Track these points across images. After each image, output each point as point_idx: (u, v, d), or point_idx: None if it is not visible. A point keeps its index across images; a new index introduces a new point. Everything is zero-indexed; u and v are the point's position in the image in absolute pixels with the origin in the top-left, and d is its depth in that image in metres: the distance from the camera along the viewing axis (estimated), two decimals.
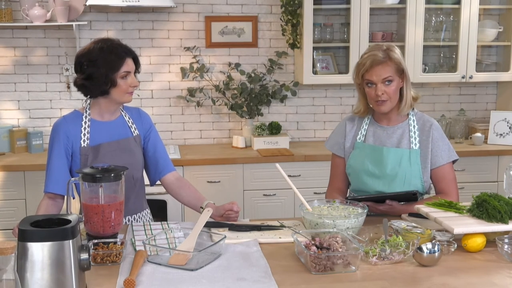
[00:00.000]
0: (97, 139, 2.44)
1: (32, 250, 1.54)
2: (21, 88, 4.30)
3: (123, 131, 2.51)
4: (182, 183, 2.60)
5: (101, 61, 2.35)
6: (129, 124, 2.53)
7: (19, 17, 4.15)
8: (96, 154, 2.41)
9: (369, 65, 2.44)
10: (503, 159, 4.24)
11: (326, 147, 2.73)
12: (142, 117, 2.60)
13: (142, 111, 2.65)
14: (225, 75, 4.44)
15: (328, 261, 1.85)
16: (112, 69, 2.36)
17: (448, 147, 2.54)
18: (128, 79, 2.41)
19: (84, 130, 2.43)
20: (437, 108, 4.74)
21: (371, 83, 2.46)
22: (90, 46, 2.41)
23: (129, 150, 2.48)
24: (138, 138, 2.54)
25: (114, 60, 2.36)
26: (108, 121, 2.48)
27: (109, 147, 2.43)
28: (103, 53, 2.37)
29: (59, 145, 2.40)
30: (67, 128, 2.42)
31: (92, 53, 2.38)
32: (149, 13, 4.34)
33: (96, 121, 2.46)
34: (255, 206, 4.05)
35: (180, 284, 1.77)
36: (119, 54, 2.39)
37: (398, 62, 2.45)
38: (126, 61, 2.40)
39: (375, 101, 2.48)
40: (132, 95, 2.45)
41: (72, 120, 2.45)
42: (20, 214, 3.80)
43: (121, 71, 2.38)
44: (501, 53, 4.66)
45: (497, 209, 2.05)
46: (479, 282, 1.79)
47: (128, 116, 2.55)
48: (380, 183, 2.52)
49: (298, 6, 4.18)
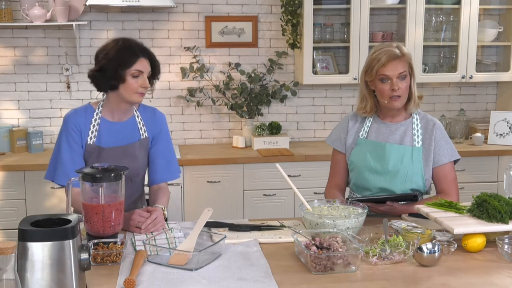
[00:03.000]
0: (103, 140, 2.43)
1: (32, 250, 1.54)
2: (21, 88, 4.30)
3: (131, 133, 2.49)
4: (156, 192, 2.56)
5: (114, 55, 2.36)
6: (139, 126, 2.51)
7: (19, 17, 4.15)
8: (99, 154, 2.42)
9: (386, 60, 2.43)
10: (503, 159, 4.24)
11: (327, 142, 2.73)
12: (156, 118, 2.58)
13: (158, 112, 2.61)
14: (225, 75, 4.44)
15: (328, 261, 1.85)
16: (123, 64, 2.35)
17: (450, 147, 2.54)
18: (139, 79, 2.39)
19: (93, 127, 2.43)
20: (437, 108, 4.74)
21: (386, 78, 2.45)
22: (109, 41, 2.43)
23: (132, 155, 2.47)
24: (146, 140, 2.52)
25: (127, 56, 2.36)
26: (118, 121, 2.48)
27: (112, 152, 2.43)
28: (118, 48, 2.37)
29: (69, 136, 2.41)
30: (77, 121, 2.42)
31: (108, 47, 2.39)
32: (149, 13, 4.34)
33: (106, 121, 2.45)
34: (255, 206, 4.05)
35: (180, 284, 1.77)
36: (133, 51, 2.38)
37: (409, 58, 2.48)
38: (140, 60, 2.38)
39: (389, 97, 2.46)
40: (142, 96, 2.43)
41: (83, 113, 2.45)
42: (20, 214, 3.79)
43: (133, 69, 2.36)
44: (501, 53, 4.66)
45: (497, 209, 2.05)
46: (479, 282, 1.79)
47: (141, 117, 2.53)
48: (382, 179, 2.52)
49: (298, 6, 4.18)
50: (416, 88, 2.53)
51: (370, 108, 2.57)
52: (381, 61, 2.44)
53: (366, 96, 2.57)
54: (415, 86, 2.52)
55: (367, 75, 2.51)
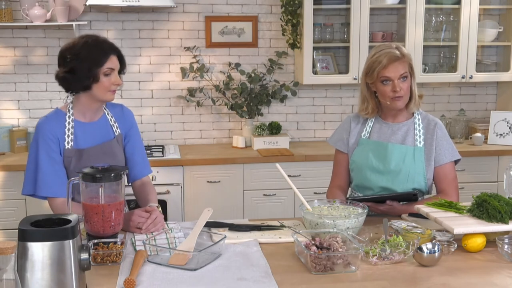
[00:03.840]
0: (80, 142, 2.39)
1: (32, 250, 1.54)
2: (21, 88, 4.30)
3: (106, 132, 2.46)
4: (142, 188, 2.54)
5: (84, 55, 2.29)
6: (111, 123, 2.48)
7: (19, 17, 4.15)
8: (79, 157, 2.36)
9: (387, 61, 2.44)
10: (503, 159, 4.24)
11: (329, 143, 2.73)
12: (125, 114, 2.55)
13: (125, 108, 2.58)
14: (225, 75, 4.44)
15: (328, 261, 1.85)
16: (96, 64, 2.29)
17: (451, 147, 2.55)
18: (111, 77, 2.34)
19: (68, 131, 2.37)
20: (437, 108, 4.74)
21: (388, 80, 2.46)
22: (75, 40, 2.35)
23: (111, 153, 2.44)
24: (120, 137, 2.50)
25: (98, 55, 2.30)
26: (91, 121, 2.43)
27: (92, 151, 2.39)
28: (88, 47, 2.30)
29: (47, 145, 2.33)
30: (51, 128, 2.36)
31: (76, 46, 2.32)
32: (149, 13, 4.33)
33: (79, 122, 2.40)
34: (255, 206, 4.05)
35: (180, 284, 1.77)
36: (103, 49, 2.33)
37: (410, 58, 2.50)
38: (111, 57, 2.33)
39: (391, 98, 2.47)
40: (114, 93, 2.38)
41: (56, 119, 2.39)
42: (20, 214, 3.79)
43: (105, 67, 2.31)
44: (501, 53, 4.66)
45: (497, 209, 2.05)
46: (479, 282, 1.79)
47: (111, 115, 2.50)
48: (384, 179, 2.52)
49: (298, 6, 4.18)
50: (416, 88, 2.54)
51: (371, 110, 2.58)
52: (382, 63, 2.44)
53: (368, 98, 2.57)
54: (416, 86, 2.53)
55: (368, 77, 2.52)
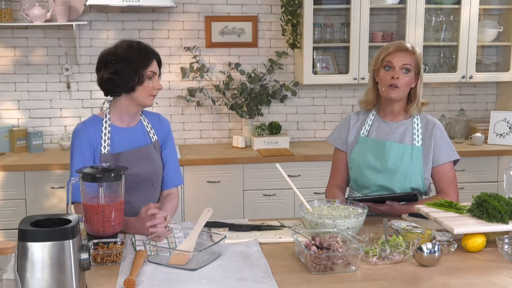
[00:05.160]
0: (117, 147, 2.39)
1: (32, 250, 1.54)
2: (21, 88, 4.30)
3: (143, 137, 2.46)
4: (167, 198, 2.51)
5: (131, 57, 2.33)
6: (147, 130, 2.49)
7: (19, 17, 4.15)
8: (116, 161, 2.35)
9: (393, 49, 2.50)
10: (503, 159, 4.24)
11: (328, 141, 2.74)
12: (162, 122, 2.56)
13: (162, 116, 2.60)
14: (225, 75, 4.44)
15: (328, 261, 1.85)
16: (142, 64, 2.33)
17: (450, 147, 2.56)
18: (153, 81, 2.37)
19: (105, 136, 2.38)
20: (437, 108, 4.74)
21: (390, 66, 2.48)
22: (117, 44, 2.39)
23: (148, 157, 2.44)
24: (157, 144, 2.50)
25: (143, 57, 2.34)
26: (128, 127, 2.43)
27: (129, 155, 2.39)
28: (132, 50, 2.35)
29: (81, 151, 2.35)
30: (88, 133, 2.36)
31: (120, 50, 2.35)
32: (149, 13, 4.34)
33: (116, 127, 2.40)
34: (255, 206, 4.05)
35: (180, 284, 1.77)
36: (147, 53, 2.37)
37: (420, 58, 2.53)
38: (153, 61, 2.38)
39: (387, 85, 2.48)
40: (154, 98, 2.41)
41: (92, 125, 2.39)
42: (20, 214, 3.79)
43: (149, 70, 2.35)
44: (501, 53, 4.66)
45: (497, 209, 2.05)
46: (479, 282, 1.79)
47: (148, 121, 2.51)
48: (381, 177, 2.53)
49: (298, 6, 4.18)
50: (421, 92, 2.55)
51: (371, 100, 2.60)
52: (389, 50, 2.51)
53: (370, 88, 2.60)
54: (421, 90, 2.55)
55: (374, 63, 2.56)
